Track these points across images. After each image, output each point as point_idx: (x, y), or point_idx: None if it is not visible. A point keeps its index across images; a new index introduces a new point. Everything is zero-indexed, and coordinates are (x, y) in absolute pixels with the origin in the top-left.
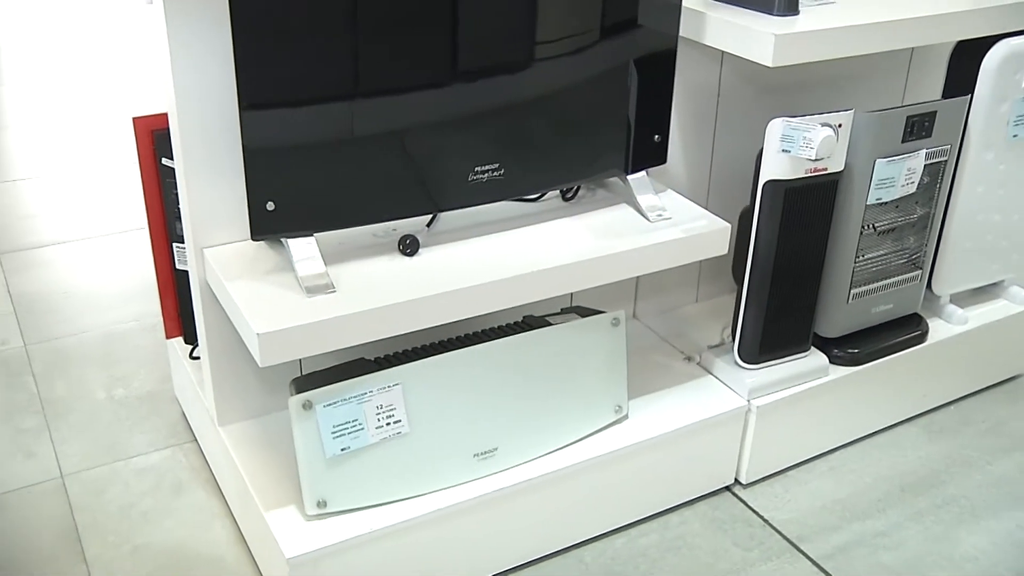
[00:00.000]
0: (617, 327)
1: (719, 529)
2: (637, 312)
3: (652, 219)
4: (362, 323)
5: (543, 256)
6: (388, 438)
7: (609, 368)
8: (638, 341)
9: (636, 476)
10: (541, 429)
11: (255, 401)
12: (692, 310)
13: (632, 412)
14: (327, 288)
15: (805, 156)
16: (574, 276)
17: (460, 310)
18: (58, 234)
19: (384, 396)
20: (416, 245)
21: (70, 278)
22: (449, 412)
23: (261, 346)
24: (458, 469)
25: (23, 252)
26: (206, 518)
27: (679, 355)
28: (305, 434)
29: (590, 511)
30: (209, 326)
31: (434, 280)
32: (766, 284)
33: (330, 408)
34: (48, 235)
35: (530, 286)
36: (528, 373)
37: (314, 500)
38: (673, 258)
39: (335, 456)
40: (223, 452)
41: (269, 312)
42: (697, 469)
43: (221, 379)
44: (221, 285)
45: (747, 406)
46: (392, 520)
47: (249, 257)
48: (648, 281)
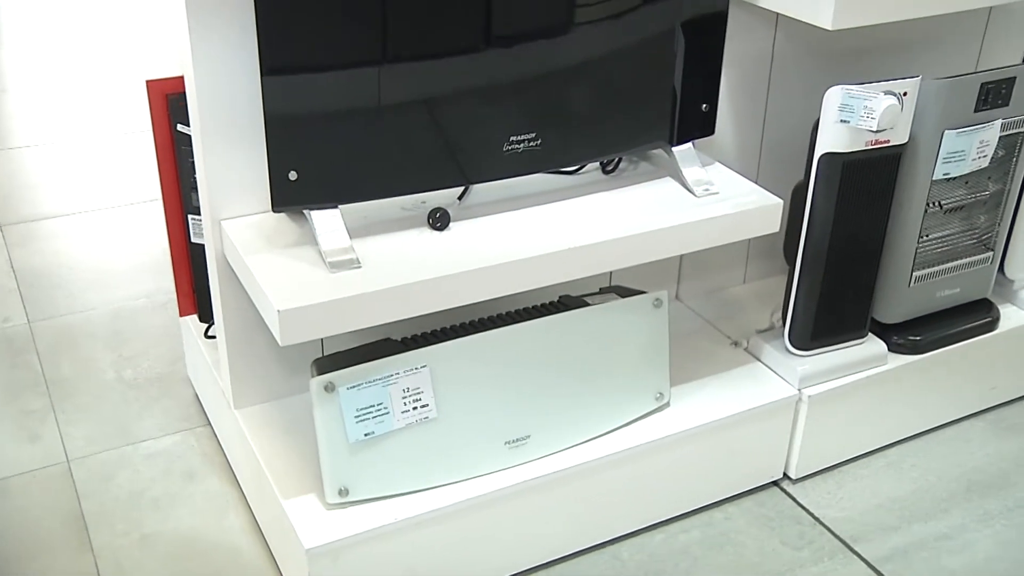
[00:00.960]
0: (659, 309)
1: (766, 527)
2: (680, 293)
3: (698, 194)
4: (389, 301)
5: (581, 232)
6: (414, 423)
7: (650, 352)
8: (681, 324)
9: (677, 468)
10: (577, 416)
11: (274, 383)
12: (740, 292)
13: (674, 400)
14: (352, 263)
15: (866, 127)
16: (614, 254)
17: (492, 288)
18: (63, 205)
19: (411, 379)
20: (447, 219)
21: (76, 252)
22: (479, 397)
23: (282, 324)
24: (488, 457)
25: (26, 224)
26: (220, 506)
27: (725, 340)
28: (327, 418)
29: (628, 504)
30: (226, 303)
31: (465, 256)
32: (820, 265)
33: (353, 391)
34: (53, 206)
35: (567, 264)
36: (564, 356)
37: (335, 488)
38: (720, 236)
39: (358, 441)
40: (239, 437)
41: (290, 288)
42: (743, 462)
43: (238, 359)
44: (240, 259)
45: (798, 395)
46: (417, 510)
47: (270, 230)
48: (693, 260)
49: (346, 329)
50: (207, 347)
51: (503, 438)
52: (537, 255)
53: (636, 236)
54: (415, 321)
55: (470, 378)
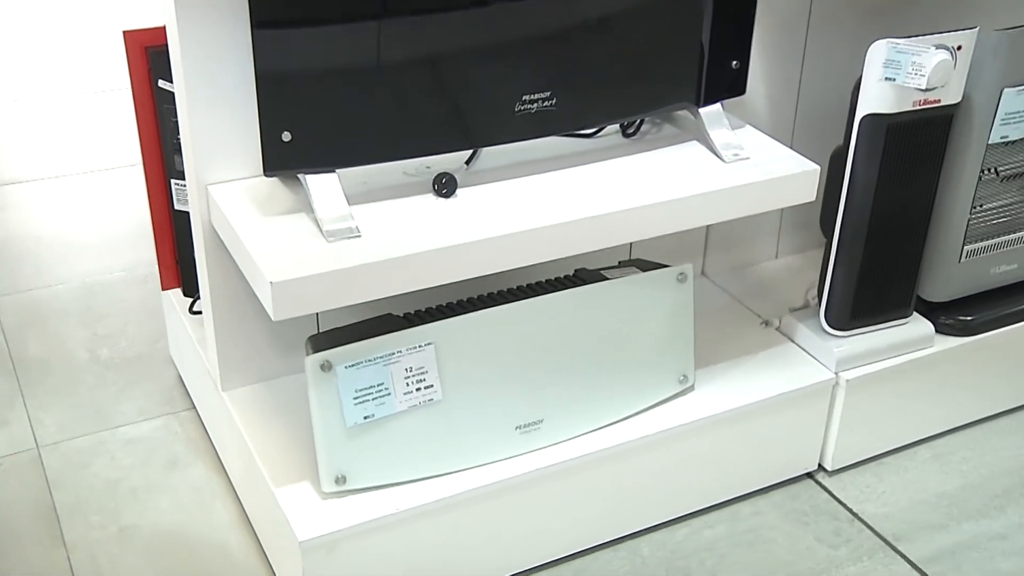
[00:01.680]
0: (684, 284)
1: (799, 522)
2: (707, 268)
3: (727, 159)
4: (390, 273)
5: (599, 200)
6: (418, 406)
7: (674, 331)
8: (707, 301)
9: (702, 457)
10: (594, 399)
11: (265, 362)
12: (771, 267)
13: (699, 383)
14: (351, 232)
15: (914, 85)
16: (634, 223)
17: (503, 260)
18: (32, 170)
19: (414, 357)
20: (453, 185)
21: (46, 221)
22: (488, 377)
23: (275, 297)
24: (498, 443)
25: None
26: (205, 497)
27: (755, 319)
28: (323, 399)
29: (648, 496)
30: (213, 275)
31: (473, 225)
32: (861, 237)
33: (352, 370)
34: (19, 171)
35: (583, 234)
36: (580, 334)
37: (332, 476)
38: (751, 205)
39: (357, 425)
40: (227, 421)
41: (284, 258)
42: (774, 452)
43: (226, 336)
44: (228, 227)
45: (835, 380)
46: (421, 500)
47: (261, 196)
48: (720, 232)
49: (344, 303)
50: (192, 324)
51: (514, 423)
52: (551, 225)
53: (659, 205)
54: (419, 295)
55: (479, 357)
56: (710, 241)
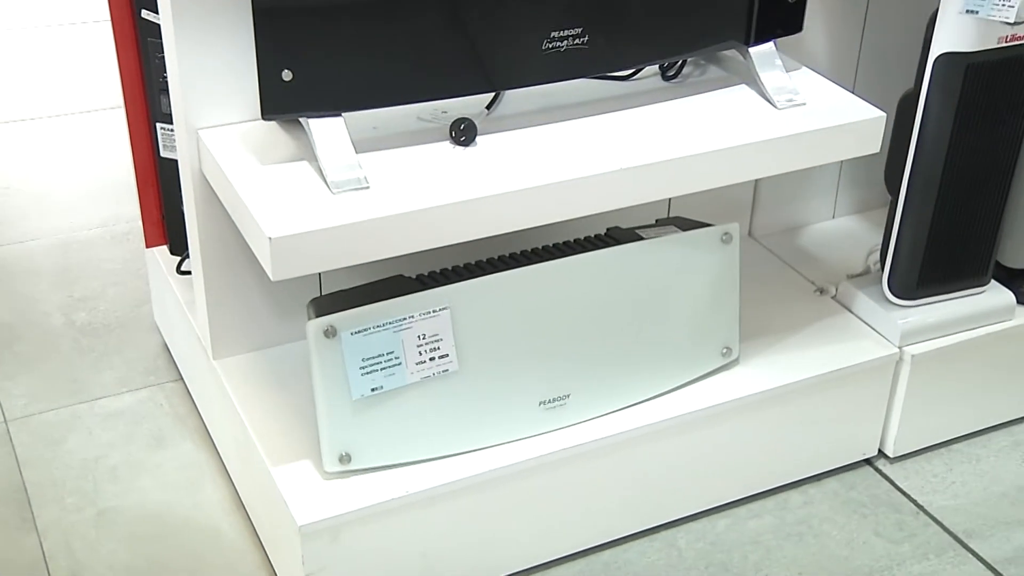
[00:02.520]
0: (728, 245)
1: (856, 513)
2: (754, 228)
3: (780, 105)
4: (402, 229)
5: (635, 150)
6: (431, 377)
7: (716, 298)
8: (755, 266)
9: (747, 440)
10: (626, 373)
11: (261, 328)
12: (828, 228)
13: (745, 357)
14: (358, 183)
15: (1000, 18)
16: (674, 177)
17: (526, 216)
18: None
19: (428, 323)
20: (473, 132)
21: (16, 170)
22: (510, 347)
23: (274, 255)
24: (519, 420)
25: None
26: (194, 476)
27: (808, 286)
28: (326, 369)
29: (687, 482)
30: (204, 231)
31: (494, 177)
32: (932, 194)
33: (359, 337)
34: None
35: (617, 188)
36: (611, 300)
37: (335, 453)
38: (806, 157)
39: (364, 398)
40: (218, 393)
41: (284, 212)
42: (829, 435)
43: (218, 299)
44: (222, 177)
45: (898, 355)
46: (433, 482)
47: (258, 142)
48: (771, 187)
49: (351, 262)
50: (180, 285)
51: (537, 398)
52: (581, 177)
53: (702, 156)
54: (434, 254)
55: (499, 324)
56: (759, 198)
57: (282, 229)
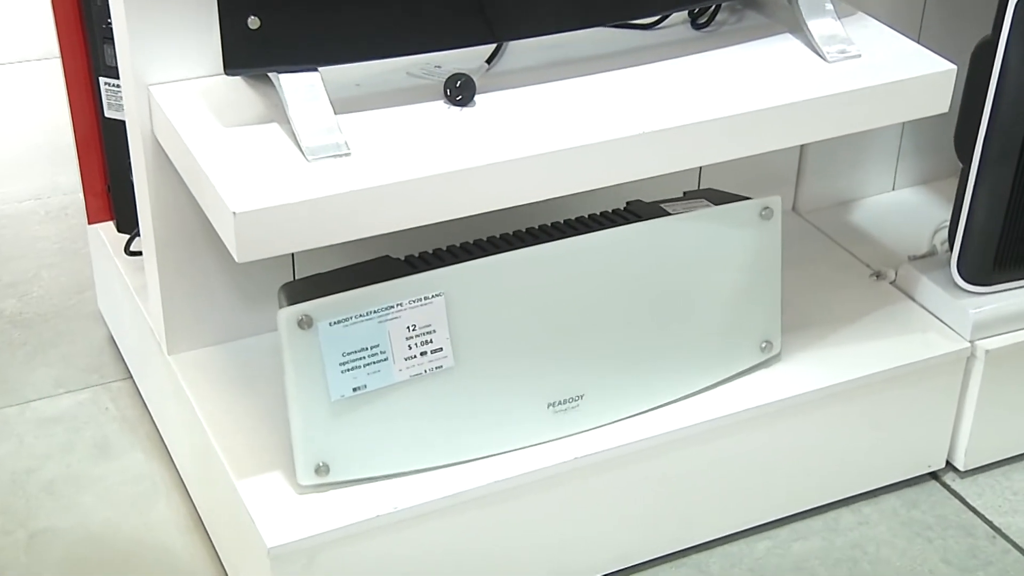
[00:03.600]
0: (769, 222)
1: (919, 536)
2: (799, 202)
3: (830, 57)
4: (389, 202)
5: (659, 111)
6: (423, 375)
7: (754, 284)
8: (799, 245)
9: (791, 449)
10: (649, 371)
11: (225, 318)
12: (886, 202)
13: (787, 352)
14: (338, 149)
15: None
16: (706, 142)
17: (533, 188)
18: None
19: (419, 312)
20: (470, 90)
21: None
22: (514, 339)
23: (239, 232)
24: (524, 425)
25: None
26: (144, 491)
27: (863, 269)
28: (300, 366)
29: (720, 498)
30: (157, 204)
31: (496, 142)
32: (1011, 162)
33: (339, 328)
34: None
35: (639, 155)
36: (632, 286)
37: (311, 464)
38: (861, 118)
39: (344, 399)
40: (174, 393)
41: (251, 182)
42: (887, 443)
43: (174, 284)
44: (177, 141)
45: (970, 350)
46: (425, 496)
47: (221, 100)
48: (819, 154)
49: (329, 241)
50: (128, 268)
51: (546, 398)
52: (597, 142)
53: (738, 118)
54: (426, 233)
55: (501, 313)
56: (805, 167)
57: (248, 202)
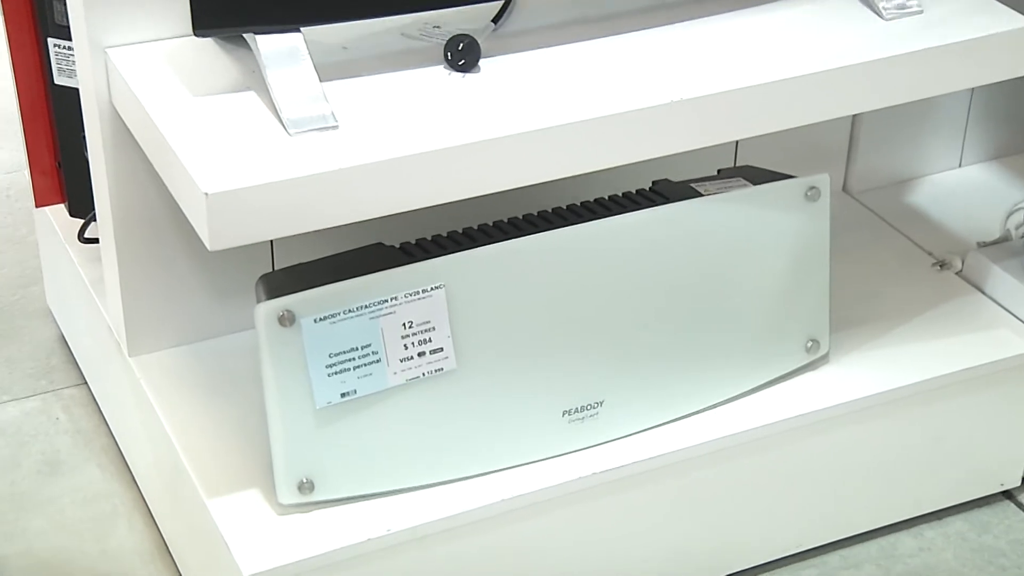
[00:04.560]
0: (816, 203)
1: (991, 564)
2: (851, 181)
3: (887, 14)
4: (381, 181)
5: (692, 76)
6: (421, 378)
7: (799, 274)
8: (851, 230)
9: (841, 464)
10: (677, 375)
11: (194, 315)
12: (951, 180)
13: (837, 352)
14: (324, 121)
15: None
16: (744, 112)
17: (547, 165)
18: None
19: (417, 307)
20: (475, 53)
21: None
22: (524, 338)
23: (211, 216)
24: (536, 436)
25: None
26: (102, 513)
27: (925, 257)
28: (281, 369)
29: (760, 519)
30: (116, 184)
31: (503, 113)
32: None
33: (325, 325)
34: None
35: (667, 127)
36: (659, 278)
37: (294, 481)
38: (923, 84)
39: (331, 407)
40: (136, 401)
41: (225, 159)
42: (953, 458)
43: (135, 277)
44: (140, 112)
45: None
46: (423, 517)
47: (189, 66)
48: (874, 126)
49: (314, 226)
50: (83, 258)
51: (560, 406)
52: (620, 113)
53: (779, 84)
54: (424, 216)
55: (510, 308)
56: (857, 141)
57: (222, 182)
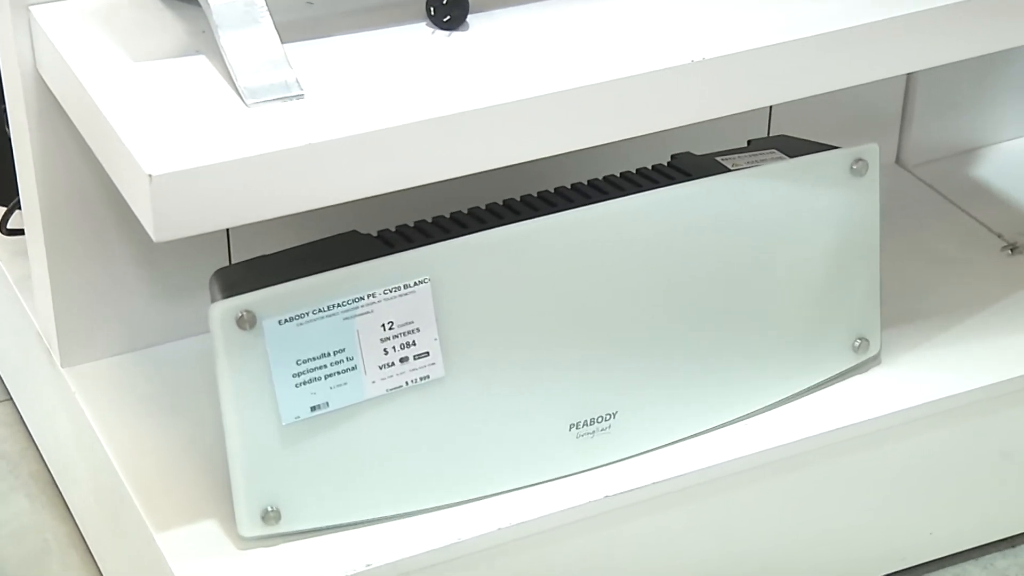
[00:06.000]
0: (863, 179)
1: None
2: (905, 152)
3: None
4: (355, 159)
5: (715, 33)
6: (404, 388)
7: (845, 262)
8: (905, 210)
9: (896, 482)
10: (701, 382)
11: (137, 317)
12: (1021, 149)
13: (889, 352)
14: (286, 89)
15: None
16: (778, 72)
17: (547, 138)
18: None
19: (397, 305)
20: (462, 7)
21: None
22: (523, 339)
23: (156, 202)
24: (538, 454)
25: None
26: (32, 550)
27: (993, 239)
28: (241, 379)
29: (801, 549)
30: (43, 167)
31: (496, 78)
32: None
33: (291, 327)
34: None
35: (688, 91)
36: (680, 266)
37: (256, 509)
38: (987, 37)
39: (299, 423)
40: (71, 418)
41: (171, 135)
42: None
43: (68, 274)
44: (71, 81)
45: None
46: (408, 550)
47: (128, 25)
48: (931, 89)
49: (277, 212)
50: (5, 252)
51: (567, 418)
52: (631, 76)
53: (818, 39)
54: (405, 200)
55: (506, 306)
56: (912, 105)
57: (169, 162)
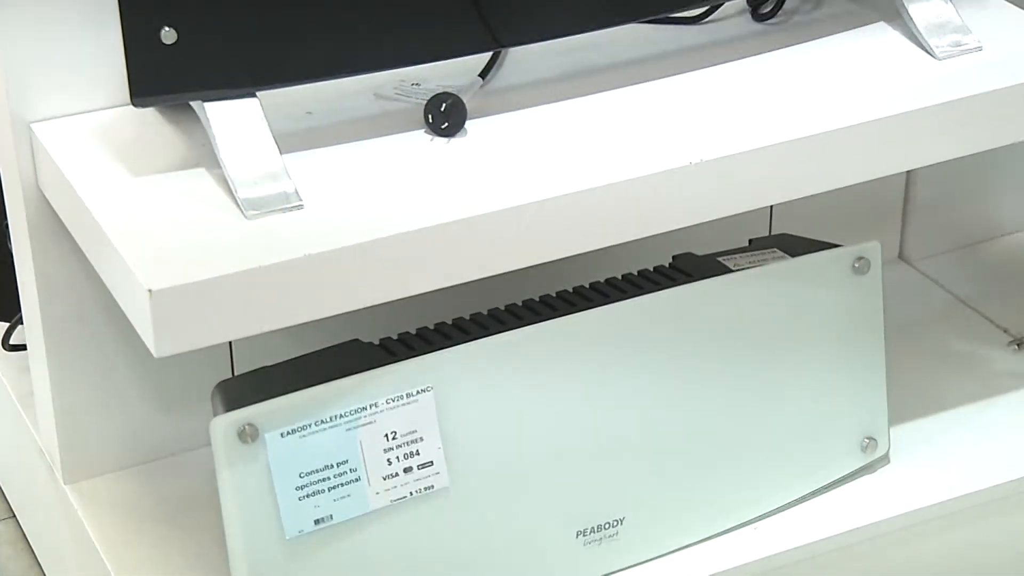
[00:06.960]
0: (865, 276)
1: None
2: (907, 247)
3: (941, 52)
4: (355, 269)
5: (715, 133)
6: (408, 499)
7: (850, 361)
8: (910, 306)
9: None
10: (709, 486)
11: (139, 433)
12: None
13: (898, 452)
14: (286, 200)
15: None
16: (778, 172)
17: (548, 243)
18: None
19: (401, 414)
20: (460, 115)
21: None
22: (527, 447)
23: (157, 318)
24: (545, 561)
25: None
26: None
27: (999, 335)
28: (243, 493)
29: None
30: (45, 282)
31: (495, 184)
32: None
33: (293, 439)
34: None
35: (688, 192)
36: (685, 369)
37: None
38: (986, 133)
39: (303, 536)
40: (74, 536)
41: (171, 249)
42: None
43: (70, 389)
44: (71, 196)
45: None
46: None
47: (127, 141)
48: (932, 183)
49: (278, 324)
50: (7, 368)
51: (573, 525)
52: (631, 179)
53: (818, 139)
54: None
55: (510, 413)
56: (913, 200)
57: (169, 277)
